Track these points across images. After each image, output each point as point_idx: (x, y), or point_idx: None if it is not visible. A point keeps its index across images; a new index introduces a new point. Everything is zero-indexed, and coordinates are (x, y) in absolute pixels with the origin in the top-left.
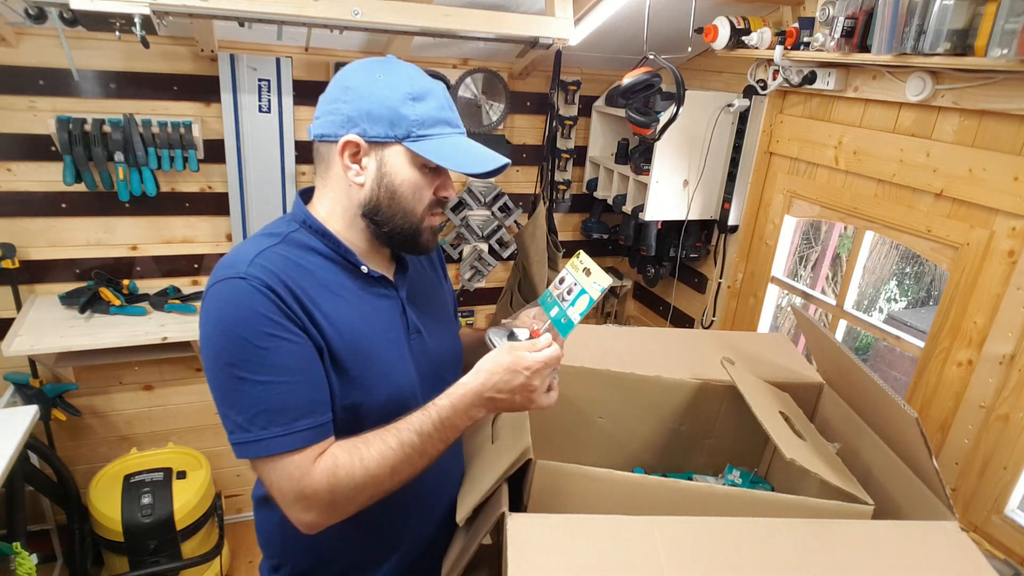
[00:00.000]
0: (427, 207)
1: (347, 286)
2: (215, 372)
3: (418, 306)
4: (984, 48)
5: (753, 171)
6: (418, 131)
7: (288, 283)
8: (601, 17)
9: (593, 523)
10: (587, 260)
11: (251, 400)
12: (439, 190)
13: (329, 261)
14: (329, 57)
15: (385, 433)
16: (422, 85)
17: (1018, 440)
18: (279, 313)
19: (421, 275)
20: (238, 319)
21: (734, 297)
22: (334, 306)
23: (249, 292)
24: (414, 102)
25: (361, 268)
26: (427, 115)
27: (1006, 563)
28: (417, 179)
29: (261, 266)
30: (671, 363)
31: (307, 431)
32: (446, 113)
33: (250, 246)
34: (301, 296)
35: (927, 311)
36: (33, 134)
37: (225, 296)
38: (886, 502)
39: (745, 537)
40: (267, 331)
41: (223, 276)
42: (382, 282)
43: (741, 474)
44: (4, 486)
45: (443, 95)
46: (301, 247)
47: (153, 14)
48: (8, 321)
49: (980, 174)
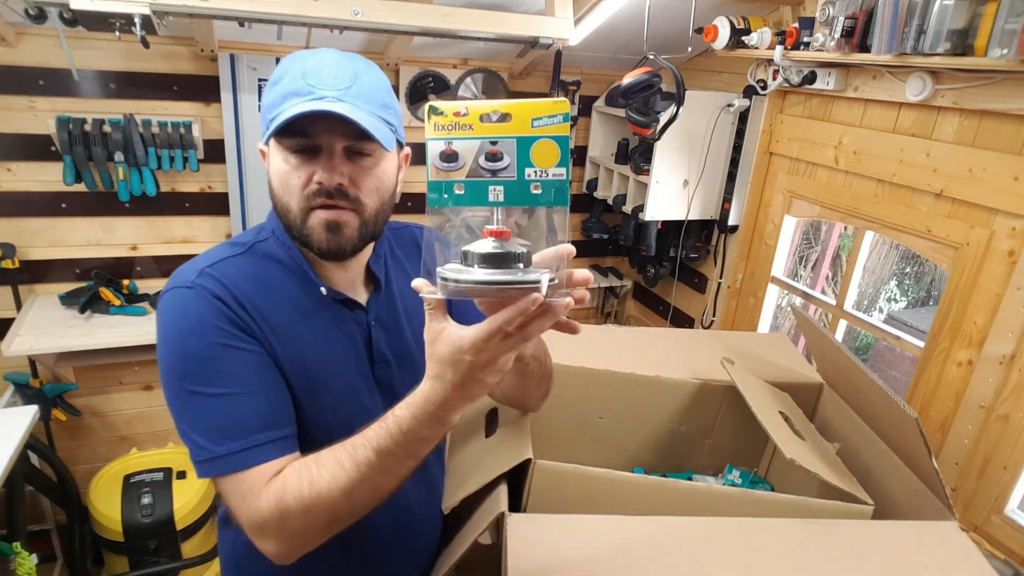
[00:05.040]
0: (302, 197)
1: (308, 306)
2: (169, 389)
3: (391, 331)
4: (984, 48)
5: (753, 171)
6: (270, 115)
7: (239, 296)
8: (601, 17)
9: (593, 523)
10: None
11: (206, 415)
12: (313, 175)
13: (293, 276)
14: None
15: (339, 451)
16: (283, 66)
17: (1018, 440)
18: (229, 322)
19: (402, 295)
20: (186, 330)
21: (734, 297)
22: (289, 326)
23: (196, 301)
24: (272, 87)
25: (320, 289)
26: (277, 95)
27: (1006, 563)
28: (282, 168)
29: (211, 276)
30: (671, 363)
31: (267, 445)
32: (297, 83)
33: (208, 255)
34: (252, 311)
35: (927, 311)
36: (33, 134)
37: (173, 307)
38: (886, 502)
39: (745, 537)
40: (218, 340)
41: (172, 286)
42: (347, 304)
43: (741, 474)
44: (4, 486)
45: (304, 68)
46: (267, 259)
47: (153, 14)
48: (8, 321)
49: (980, 174)
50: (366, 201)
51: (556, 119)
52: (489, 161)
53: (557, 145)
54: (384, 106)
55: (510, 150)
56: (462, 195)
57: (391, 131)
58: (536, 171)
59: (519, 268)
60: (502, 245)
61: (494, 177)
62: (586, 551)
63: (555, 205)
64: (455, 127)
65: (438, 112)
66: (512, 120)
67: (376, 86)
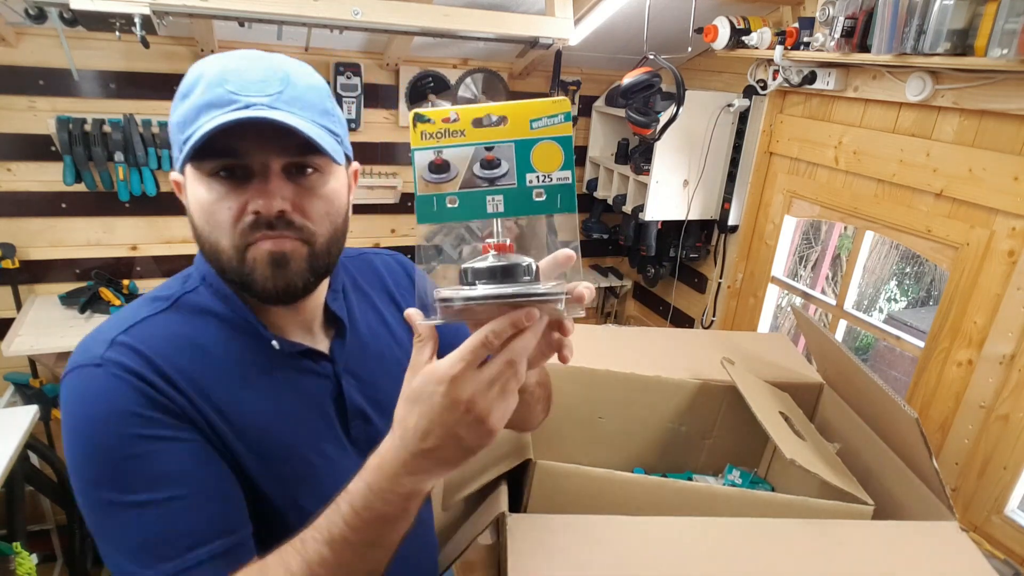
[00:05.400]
0: (235, 233)
1: (257, 366)
2: (81, 495)
3: (364, 380)
4: (984, 48)
5: (753, 171)
6: (184, 134)
7: (164, 367)
8: (601, 17)
9: (593, 523)
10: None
11: (129, 530)
12: (249, 204)
13: (236, 332)
14: (329, 57)
15: (288, 551)
16: (192, 74)
17: (1018, 440)
18: (152, 406)
19: (373, 334)
20: (96, 421)
21: (734, 297)
22: (235, 396)
23: (107, 383)
24: (182, 100)
25: (272, 344)
26: (187, 109)
27: (1006, 563)
28: (204, 198)
29: (126, 347)
30: (671, 363)
31: (210, 562)
32: (214, 92)
33: (121, 317)
34: (183, 385)
35: (927, 311)
36: (33, 134)
37: (78, 392)
38: (886, 502)
39: (745, 537)
40: (138, 432)
41: (75, 364)
42: (309, 356)
43: (741, 474)
44: (4, 486)
45: (222, 72)
46: (198, 313)
47: (153, 14)
48: (8, 321)
49: (980, 174)
50: (315, 228)
51: (557, 119)
52: (485, 169)
53: (560, 147)
54: (325, 112)
55: (508, 155)
56: (456, 208)
57: (337, 142)
58: (538, 176)
59: (527, 281)
60: (507, 259)
61: (492, 186)
62: (586, 551)
63: (562, 212)
64: (445, 134)
65: (424, 119)
66: (509, 123)
67: (314, 90)
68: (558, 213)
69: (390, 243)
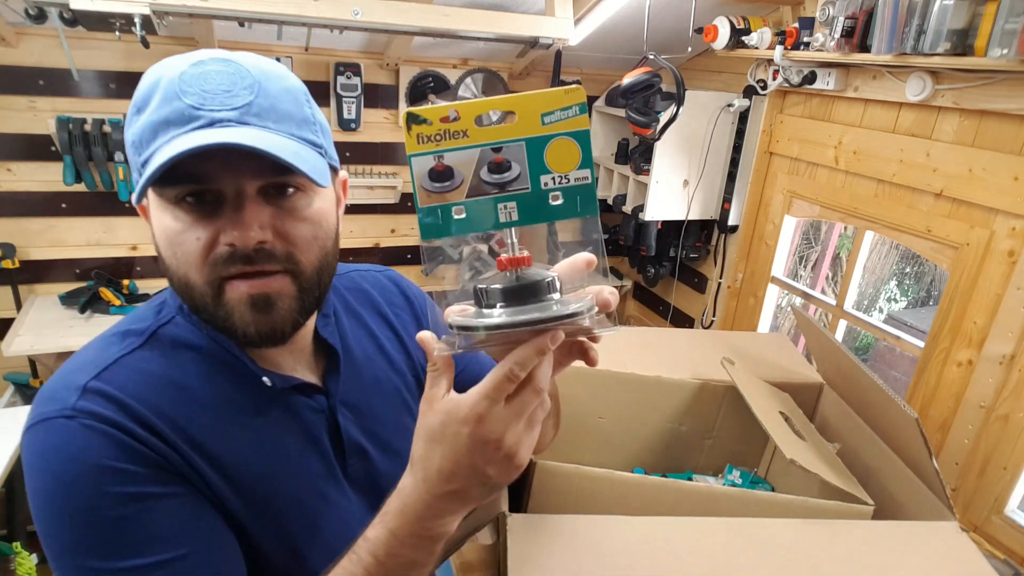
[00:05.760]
0: (206, 268)
1: (245, 404)
2: (57, 562)
3: (362, 412)
4: (984, 48)
5: (753, 171)
6: (140, 158)
7: (145, 415)
8: (601, 17)
9: (593, 523)
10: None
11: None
12: (220, 235)
13: (221, 367)
14: (329, 57)
15: None
16: (146, 82)
17: (1018, 440)
18: (133, 459)
19: (368, 360)
20: (68, 483)
21: (734, 297)
22: (223, 441)
23: (80, 438)
24: (136, 115)
25: (263, 380)
26: (143, 127)
27: (1006, 563)
28: (172, 228)
29: (100, 394)
30: (671, 363)
31: None
32: (173, 105)
33: (89, 356)
34: (167, 433)
35: (927, 311)
36: (33, 134)
37: (44, 450)
38: (886, 502)
39: (745, 537)
40: (119, 491)
41: (41, 415)
42: (302, 391)
43: (741, 474)
44: (4, 486)
45: (180, 81)
46: (177, 347)
47: (153, 14)
48: (8, 321)
49: (980, 174)
50: (301, 257)
51: (571, 111)
52: (494, 173)
53: (577, 143)
54: (304, 121)
55: (519, 156)
56: (464, 220)
57: (320, 155)
58: (555, 177)
59: (553, 299)
60: (527, 275)
61: (503, 192)
62: (586, 551)
63: (583, 215)
64: (445, 136)
65: (419, 120)
66: (517, 119)
67: (289, 94)
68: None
69: (390, 243)
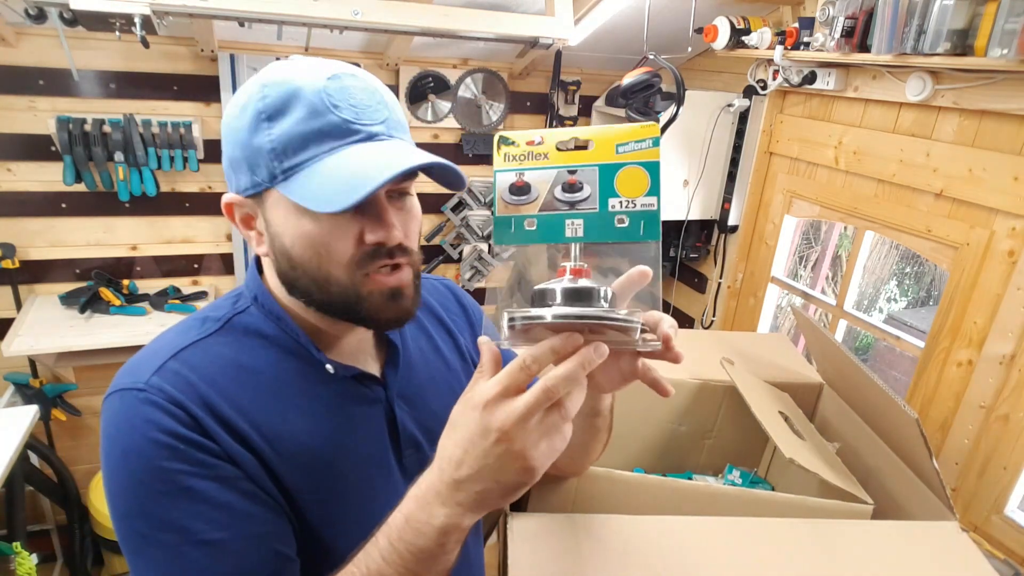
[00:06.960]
0: (351, 265)
1: (309, 391)
2: (115, 523)
3: (418, 407)
4: (984, 48)
5: (753, 171)
6: (283, 164)
7: (211, 397)
8: (601, 17)
9: (593, 523)
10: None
11: (163, 569)
12: (366, 234)
13: (287, 354)
14: (329, 57)
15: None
16: (278, 91)
17: (1018, 440)
18: (190, 442)
19: (424, 360)
20: (129, 451)
21: (734, 297)
22: (281, 421)
23: (146, 411)
24: (269, 123)
25: (326, 368)
26: (288, 136)
27: (1006, 563)
28: (313, 231)
29: (174, 373)
30: (671, 363)
31: None
32: (322, 120)
33: (171, 337)
34: (231, 415)
35: (927, 311)
36: (33, 134)
37: (115, 417)
38: (886, 502)
39: (745, 537)
40: (171, 466)
41: (120, 385)
42: (361, 380)
43: (741, 474)
44: (4, 486)
45: (316, 92)
46: (249, 334)
47: (153, 14)
48: (8, 321)
49: (980, 174)
50: (415, 249)
51: (645, 144)
52: (567, 192)
53: (647, 172)
54: (407, 127)
55: (591, 179)
56: (533, 231)
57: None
58: (622, 201)
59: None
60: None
61: (572, 209)
62: (586, 551)
63: (645, 239)
64: (528, 156)
65: (508, 142)
66: (594, 147)
67: (398, 105)
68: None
69: None
